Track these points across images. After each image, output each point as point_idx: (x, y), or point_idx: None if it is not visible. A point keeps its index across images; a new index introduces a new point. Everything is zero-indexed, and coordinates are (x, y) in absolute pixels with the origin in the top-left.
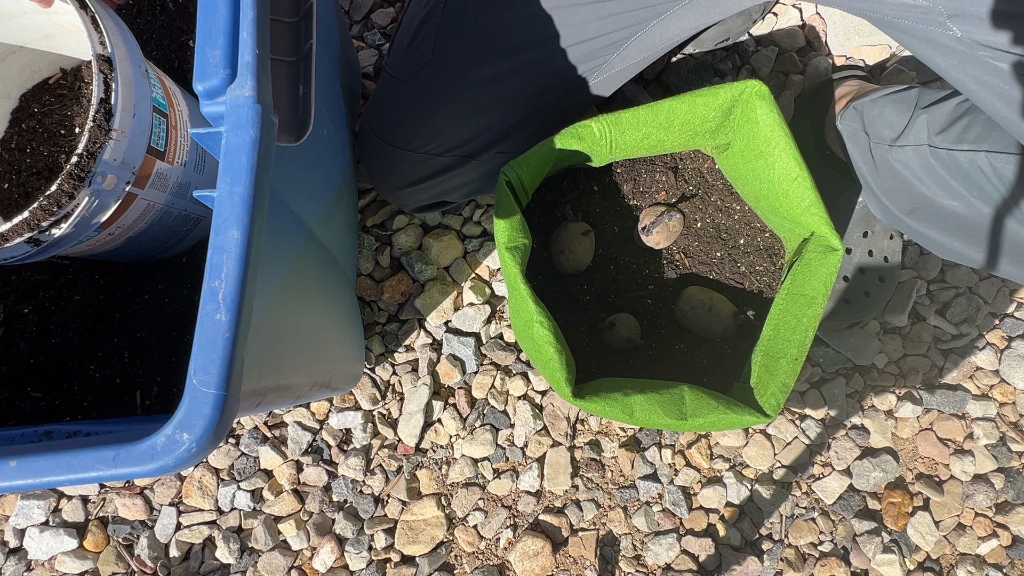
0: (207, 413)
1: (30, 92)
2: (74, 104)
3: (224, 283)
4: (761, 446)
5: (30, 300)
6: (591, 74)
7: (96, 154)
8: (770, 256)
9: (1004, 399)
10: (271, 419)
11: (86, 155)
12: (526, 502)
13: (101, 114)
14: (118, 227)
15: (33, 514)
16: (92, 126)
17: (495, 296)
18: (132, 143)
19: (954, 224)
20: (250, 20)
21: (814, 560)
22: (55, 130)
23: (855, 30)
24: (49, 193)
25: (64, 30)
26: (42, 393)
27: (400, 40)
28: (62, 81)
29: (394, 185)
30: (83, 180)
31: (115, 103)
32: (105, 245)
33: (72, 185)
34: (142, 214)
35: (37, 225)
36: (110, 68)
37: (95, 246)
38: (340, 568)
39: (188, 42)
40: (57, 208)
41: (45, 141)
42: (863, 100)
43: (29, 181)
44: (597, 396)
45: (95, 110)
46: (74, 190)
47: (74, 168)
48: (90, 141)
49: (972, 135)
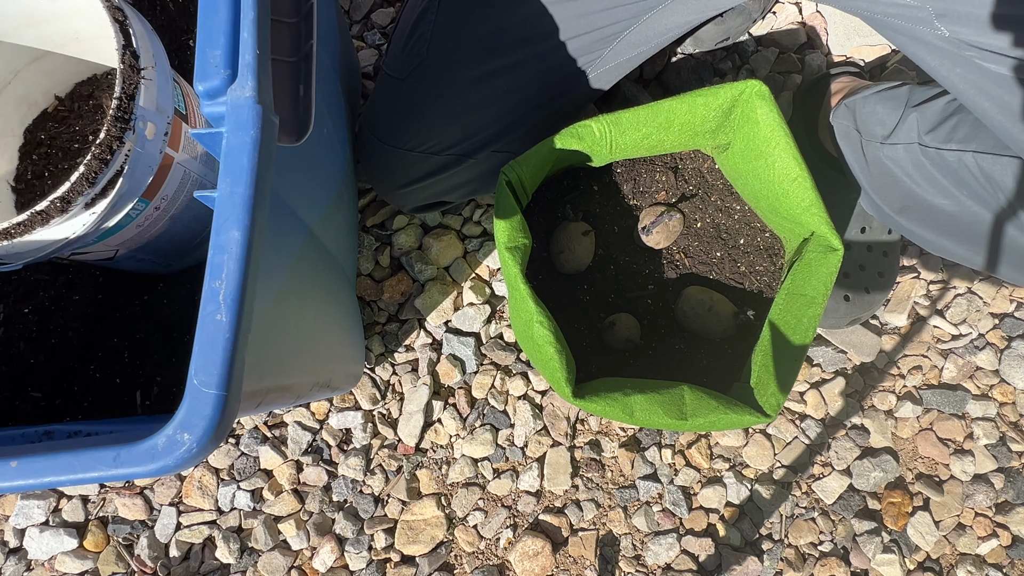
0: (208, 413)
1: (32, 124)
2: (79, 120)
3: (225, 283)
4: (761, 446)
5: (30, 300)
6: (585, 70)
7: (133, 95)
8: (770, 256)
9: (1004, 399)
10: (271, 419)
11: (124, 97)
12: (526, 502)
13: (128, 56)
14: (162, 199)
15: (33, 514)
16: (123, 68)
17: (495, 296)
18: (160, 89)
19: (944, 222)
20: (251, 20)
21: (814, 560)
22: (69, 146)
23: (855, 30)
24: (99, 141)
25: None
26: (42, 393)
27: (397, 39)
28: (60, 108)
29: (392, 185)
30: (127, 123)
31: (137, 47)
32: (148, 232)
33: (119, 128)
34: (180, 183)
35: (93, 179)
36: (124, 16)
37: (141, 233)
38: (340, 568)
39: (188, 42)
40: (110, 155)
41: (63, 158)
42: (855, 98)
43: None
44: (597, 396)
45: (121, 54)
46: (121, 133)
47: (116, 111)
48: (124, 82)
49: (960, 135)
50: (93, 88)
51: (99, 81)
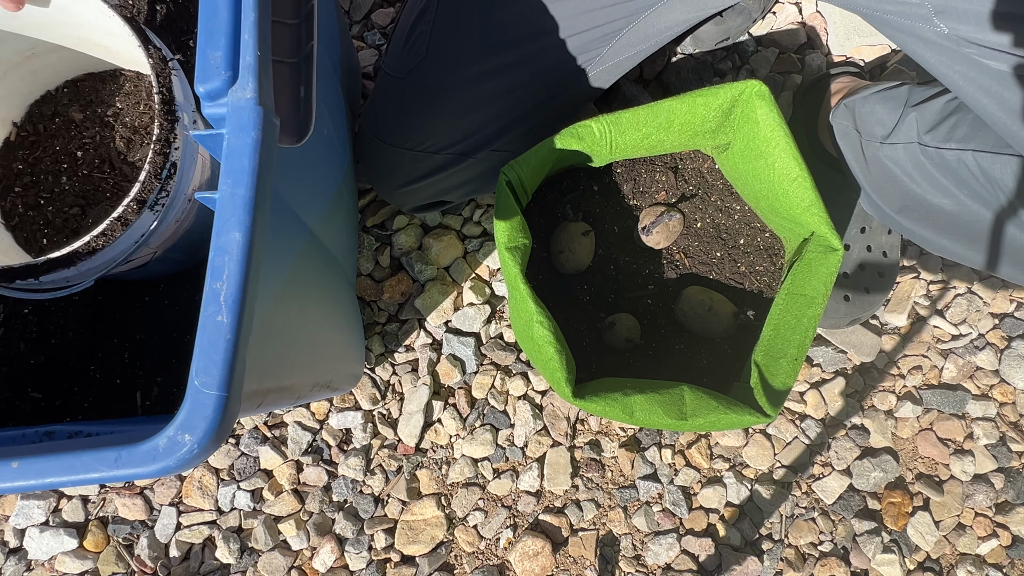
0: (209, 414)
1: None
2: (53, 139)
3: (226, 284)
4: (761, 446)
5: (30, 300)
6: (584, 68)
7: (170, 87)
8: (770, 256)
9: (1004, 399)
10: (271, 419)
11: (165, 90)
12: (526, 502)
13: (153, 50)
14: (193, 189)
15: (33, 514)
16: (153, 63)
17: (495, 296)
18: (182, 80)
19: (944, 222)
20: (251, 22)
21: (814, 560)
22: (58, 167)
23: (855, 30)
24: (156, 136)
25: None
26: (43, 394)
27: (396, 38)
28: (22, 133)
29: (391, 184)
30: (174, 114)
31: (156, 42)
32: (182, 226)
33: (169, 121)
34: (202, 172)
35: (159, 175)
36: (131, 14)
37: (178, 228)
38: (340, 568)
39: (189, 43)
40: (169, 148)
41: (55, 181)
42: (854, 98)
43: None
44: (597, 396)
45: (145, 50)
46: (172, 125)
47: (161, 105)
48: (158, 76)
49: (960, 134)
50: (55, 106)
51: (56, 97)
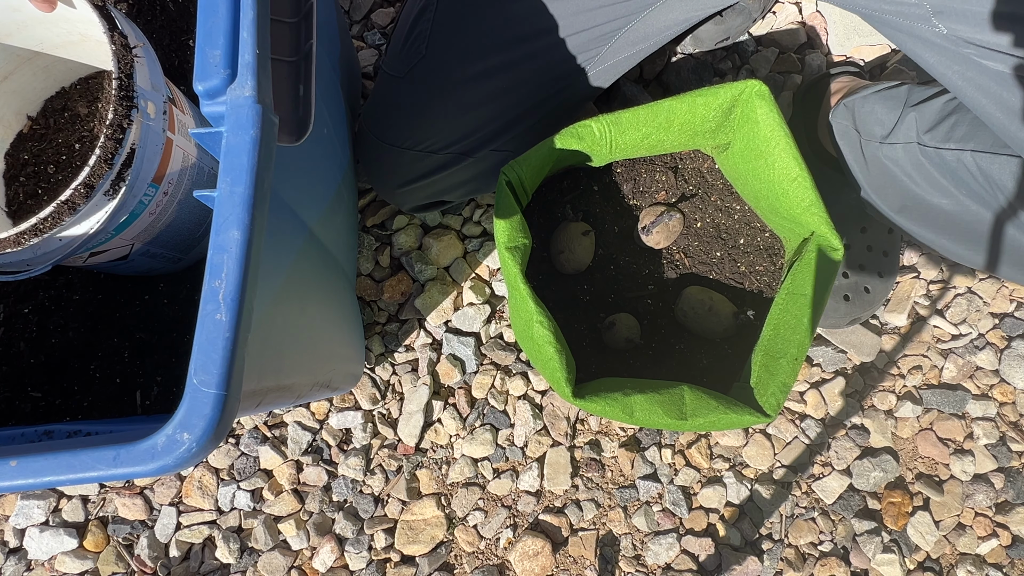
0: (207, 413)
1: (11, 148)
2: (59, 133)
3: (224, 283)
4: (761, 446)
5: (30, 300)
6: (584, 68)
7: (131, 74)
8: (770, 256)
9: (1004, 399)
10: (271, 419)
11: (124, 76)
12: (526, 502)
13: (118, 36)
14: (168, 182)
15: (33, 514)
16: (115, 48)
17: (495, 296)
18: (152, 69)
19: (943, 222)
20: (250, 20)
21: (814, 560)
22: (57, 159)
23: (855, 30)
24: (109, 121)
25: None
26: (42, 393)
27: (396, 37)
28: (35, 126)
29: (391, 184)
30: (131, 100)
31: (122, 28)
32: (160, 220)
33: (124, 107)
34: (182, 166)
35: (111, 160)
36: (102, 2)
37: (154, 221)
38: (340, 568)
39: (188, 42)
40: (121, 133)
41: (56, 172)
42: (854, 97)
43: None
44: (597, 396)
45: (110, 36)
46: (127, 112)
47: (118, 91)
48: (120, 61)
49: (959, 134)
50: (65, 100)
51: (68, 93)
